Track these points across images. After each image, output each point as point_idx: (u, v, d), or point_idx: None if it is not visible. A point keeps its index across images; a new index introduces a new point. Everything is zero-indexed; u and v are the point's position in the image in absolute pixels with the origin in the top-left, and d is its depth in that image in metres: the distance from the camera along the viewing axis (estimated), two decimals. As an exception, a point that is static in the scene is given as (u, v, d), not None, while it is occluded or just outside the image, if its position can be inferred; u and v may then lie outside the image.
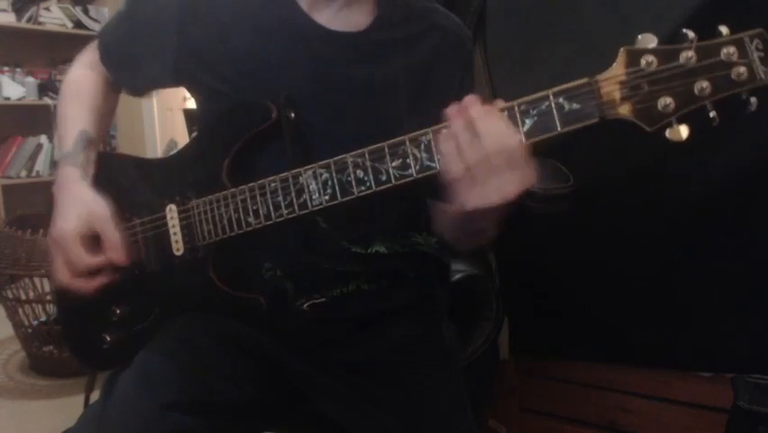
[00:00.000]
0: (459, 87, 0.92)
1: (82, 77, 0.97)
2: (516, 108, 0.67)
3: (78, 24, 3.78)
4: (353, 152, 0.73)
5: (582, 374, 1.54)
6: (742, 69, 0.60)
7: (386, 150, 0.72)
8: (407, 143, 0.71)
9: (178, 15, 0.87)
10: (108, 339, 0.91)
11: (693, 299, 1.36)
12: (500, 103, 0.68)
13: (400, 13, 0.88)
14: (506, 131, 0.65)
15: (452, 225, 0.85)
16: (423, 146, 0.70)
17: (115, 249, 0.83)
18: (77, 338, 0.98)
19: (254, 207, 0.80)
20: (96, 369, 1.43)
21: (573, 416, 1.56)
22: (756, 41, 0.60)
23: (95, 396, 0.82)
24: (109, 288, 0.86)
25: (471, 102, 0.67)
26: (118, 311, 0.91)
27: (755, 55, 0.60)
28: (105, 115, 0.99)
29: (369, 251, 0.88)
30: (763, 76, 0.60)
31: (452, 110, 0.68)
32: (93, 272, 0.85)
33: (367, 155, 0.72)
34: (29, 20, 3.59)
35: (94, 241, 0.84)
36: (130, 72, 0.95)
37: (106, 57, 0.96)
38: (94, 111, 0.95)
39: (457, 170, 0.66)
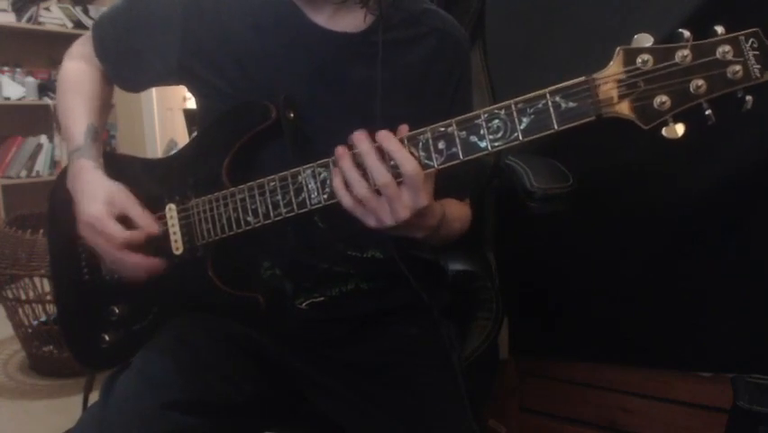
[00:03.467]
0: (455, 87, 0.92)
1: (79, 70, 0.97)
2: (406, 139, 0.70)
3: (78, 24, 3.78)
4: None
5: (582, 374, 1.54)
6: (737, 68, 0.60)
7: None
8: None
9: (184, 12, 0.87)
10: (107, 339, 0.92)
11: (693, 299, 1.36)
12: (405, 130, 0.71)
13: (399, 16, 0.88)
14: (401, 160, 0.69)
15: None
16: (421, 145, 0.70)
17: (147, 221, 0.84)
18: (75, 338, 0.98)
19: (253, 207, 0.80)
20: (94, 369, 1.43)
21: (573, 416, 1.56)
22: (751, 39, 0.60)
23: (93, 396, 0.82)
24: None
25: (359, 138, 0.71)
26: (117, 310, 0.91)
27: (750, 54, 0.60)
28: (105, 107, 0.99)
29: (364, 255, 0.89)
30: (758, 74, 0.60)
31: (340, 149, 0.72)
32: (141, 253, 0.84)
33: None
34: (29, 20, 3.59)
35: (122, 222, 0.84)
36: (129, 69, 0.94)
37: (102, 52, 0.95)
38: (95, 104, 0.95)
39: (347, 203, 0.72)
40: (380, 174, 0.69)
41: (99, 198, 0.84)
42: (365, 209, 0.71)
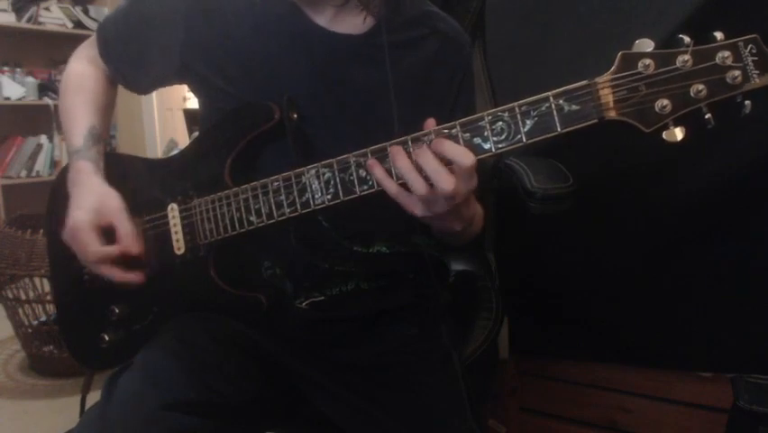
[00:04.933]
0: (457, 91, 0.92)
1: (83, 72, 0.97)
2: (410, 140, 0.70)
3: (78, 24, 3.78)
4: (356, 152, 0.73)
5: (582, 374, 1.54)
6: (736, 73, 0.61)
7: (388, 150, 0.72)
8: (410, 143, 0.71)
9: (186, 10, 0.87)
10: (107, 339, 0.92)
11: (693, 299, 1.36)
12: (432, 123, 0.71)
13: (401, 18, 0.88)
14: (455, 152, 0.68)
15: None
16: (425, 146, 0.70)
17: (128, 239, 0.84)
18: (75, 338, 0.98)
19: (256, 206, 0.80)
20: (94, 369, 1.42)
21: (573, 416, 1.56)
22: (750, 45, 0.61)
23: (91, 397, 0.82)
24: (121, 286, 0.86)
25: (420, 152, 0.69)
26: (117, 310, 0.91)
27: (749, 59, 0.61)
28: (107, 110, 0.99)
29: (370, 250, 0.89)
30: (756, 80, 0.61)
31: (395, 148, 0.71)
32: (126, 265, 0.85)
33: (370, 155, 0.73)
34: (29, 20, 3.59)
35: (108, 232, 0.85)
36: (133, 70, 0.95)
37: (107, 54, 0.95)
38: (98, 106, 0.95)
39: (393, 191, 0.71)
40: (447, 182, 0.68)
41: (87, 206, 0.85)
42: (412, 199, 0.71)
